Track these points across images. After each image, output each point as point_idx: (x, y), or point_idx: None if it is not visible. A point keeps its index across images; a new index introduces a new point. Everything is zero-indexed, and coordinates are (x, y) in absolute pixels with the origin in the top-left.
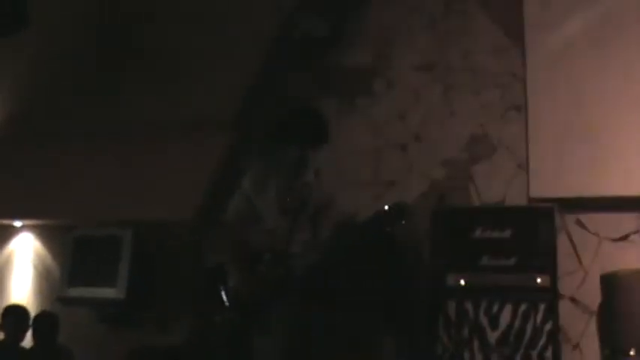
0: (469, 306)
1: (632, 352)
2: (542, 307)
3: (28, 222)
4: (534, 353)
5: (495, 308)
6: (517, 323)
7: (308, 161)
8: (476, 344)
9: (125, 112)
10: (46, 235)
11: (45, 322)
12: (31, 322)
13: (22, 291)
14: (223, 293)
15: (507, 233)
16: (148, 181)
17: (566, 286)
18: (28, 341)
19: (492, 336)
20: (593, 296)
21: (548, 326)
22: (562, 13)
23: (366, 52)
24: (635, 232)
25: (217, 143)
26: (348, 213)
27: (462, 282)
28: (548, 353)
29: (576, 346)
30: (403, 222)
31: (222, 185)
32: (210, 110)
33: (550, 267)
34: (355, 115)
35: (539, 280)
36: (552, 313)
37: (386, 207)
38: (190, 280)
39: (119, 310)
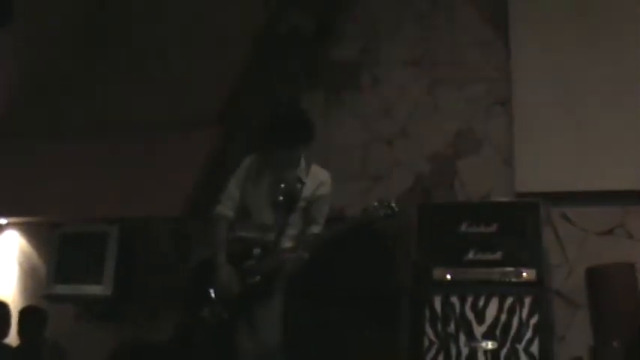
0: (455, 300)
1: (615, 344)
2: (528, 300)
3: (12, 219)
4: (520, 347)
5: (481, 302)
6: (503, 317)
7: (299, 156)
8: (462, 338)
9: (111, 109)
10: (31, 232)
11: (31, 317)
12: (13, 318)
13: (7, 289)
14: (211, 288)
15: (493, 228)
16: (134, 177)
17: (552, 279)
18: (14, 338)
19: (478, 330)
20: (578, 289)
21: (534, 320)
22: (547, 6)
23: (353, 47)
24: (620, 226)
25: (205, 139)
26: (336, 207)
27: (448, 276)
28: (534, 347)
29: (562, 339)
30: (392, 219)
31: (211, 181)
32: (198, 107)
33: (536, 261)
34: (342, 109)
35: (525, 274)
36: (538, 306)
37: (375, 203)
38: (178, 275)
39: (106, 306)
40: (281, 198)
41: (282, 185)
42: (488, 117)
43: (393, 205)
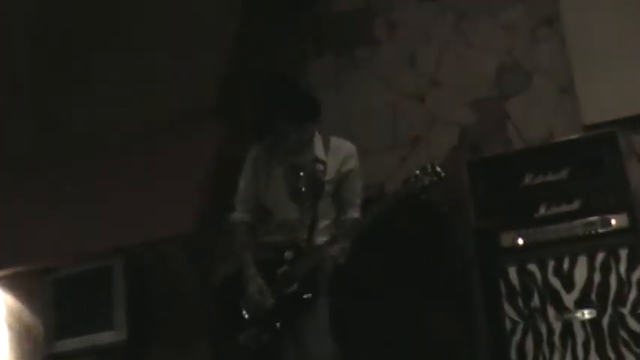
0: (534, 267)
1: None
2: (623, 252)
3: None
4: (626, 310)
5: (566, 265)
6: (597, 277)
7: (312, 134)
8: (551, 311)
9: (84, 126)
10: (17, 284)
11: None
12: None
13: None
14: (243, 308)
15: (564, 173)
16: (131, 197)
17: None
18: None
19: (569, 298)
20: None
21: (636, 274)
22: None
23: None
24: None
25: (207, 137)
26: (374, 184)
27: (520, 241)
28: None
29: None
30: (439, 185)
31: (221, 183)
32: (191, 101)
33: (625, 202)
34: (358, 68)
35: (614, 222)
36: (639, 257)
37: (417, 172)
38: (201, 300)
39: (124, 354)
40: (303, 189)
41: (302, 173)
42: (534, 43)
43: (438, 169)
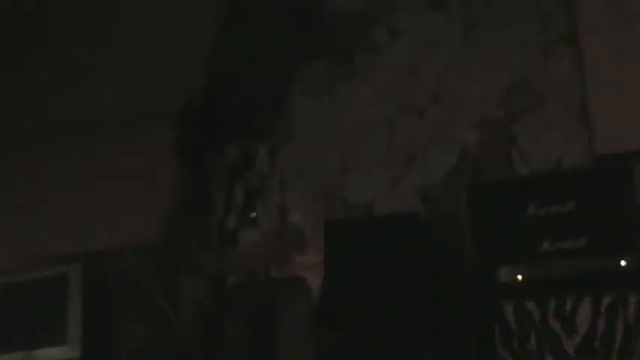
0: (533, 307)
1: None
2: (633, 298)
3: None
4: None
5: (569, 306)
6: (601, 323)
7: (249, 155)
8: (548, 357)
9: (46, 120)
10: None
11: None
12: None
13: None
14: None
15: (572, 205)
16: (93, 199)
17: None
18: None
19: (569, 344)
20: None
21: None
22: None
23: None
24: None
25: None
26: (361, 205)
27: (520, 276)
28: None
29: None
30: None
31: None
32: (167, 99)
33: (637, 243)
34: (353, 77)
35: (624, 263)
36: None
37: None
38: (167, 318)
39: None
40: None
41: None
42: (547, 62)
43: None
